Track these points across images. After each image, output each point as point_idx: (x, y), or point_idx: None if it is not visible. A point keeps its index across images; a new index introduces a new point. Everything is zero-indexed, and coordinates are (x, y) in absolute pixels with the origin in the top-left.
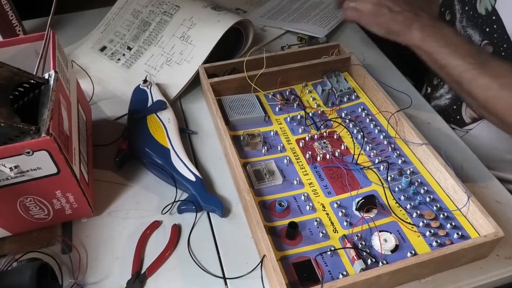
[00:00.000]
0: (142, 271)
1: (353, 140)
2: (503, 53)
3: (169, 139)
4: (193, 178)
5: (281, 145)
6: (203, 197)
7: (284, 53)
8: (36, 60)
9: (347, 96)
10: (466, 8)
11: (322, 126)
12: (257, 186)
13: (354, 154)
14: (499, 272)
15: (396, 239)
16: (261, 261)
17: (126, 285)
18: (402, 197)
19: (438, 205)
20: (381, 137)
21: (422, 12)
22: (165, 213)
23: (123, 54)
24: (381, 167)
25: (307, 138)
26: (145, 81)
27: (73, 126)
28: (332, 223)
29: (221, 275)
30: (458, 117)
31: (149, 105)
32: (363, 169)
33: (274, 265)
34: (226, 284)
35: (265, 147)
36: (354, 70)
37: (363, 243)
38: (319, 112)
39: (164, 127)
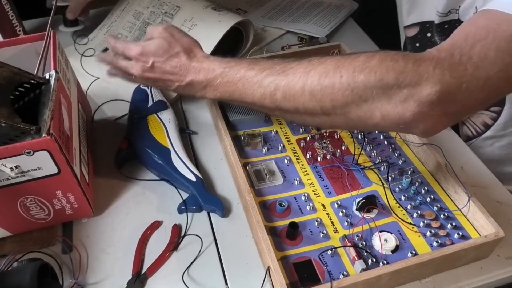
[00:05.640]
0: (143, 271)
1: (353, 140)
2: None
3: (169, 139)
4: (193, 178)
5: (282, 145)
6: (203, 197)
7: (285, 53)
8: (37, 60)
9: None
10: None
11: None
12: (257, 186)
13: (354, 154)
14: (500, 272)
15: (396, 239)
16: (267, 272)
17: (126, 285)
18: (403, 197)
19: (439, 205)
20: (382, 137)
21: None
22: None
23: None
24: (382, 167)
25: (307, 138)
26: None
27: (73, 126)
28: (332, 223)
29: (221, 275)
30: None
31: (149, 105)
32: (363, 169)
33: (275, 265)
34: (226, 284)
35: (266, 147)
36: None
37: (364, 243)
38: None
39: (164, 127)
